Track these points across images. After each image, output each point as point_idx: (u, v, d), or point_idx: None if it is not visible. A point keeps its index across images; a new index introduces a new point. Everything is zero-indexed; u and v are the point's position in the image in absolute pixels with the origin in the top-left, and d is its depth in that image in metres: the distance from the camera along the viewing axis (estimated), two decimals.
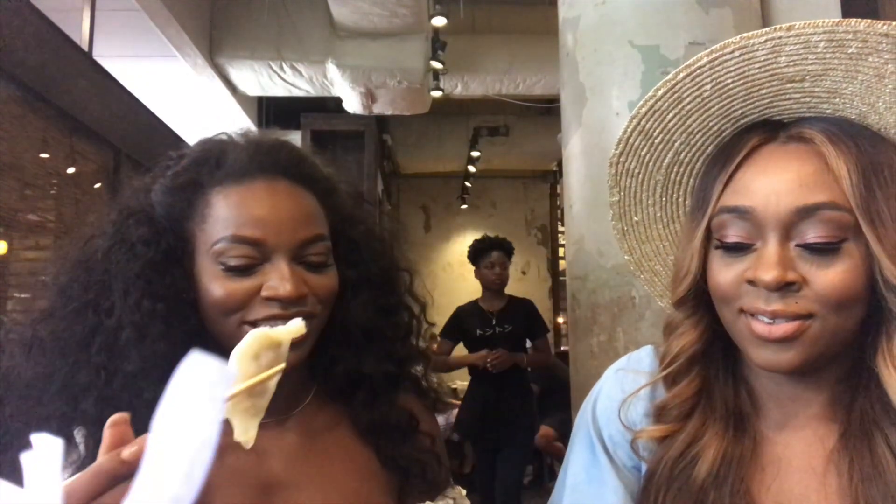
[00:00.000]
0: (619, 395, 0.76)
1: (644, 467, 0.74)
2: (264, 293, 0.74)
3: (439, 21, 5.10)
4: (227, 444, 0.71)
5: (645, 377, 0.76)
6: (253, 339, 0.56)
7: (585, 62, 2.62)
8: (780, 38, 0.63)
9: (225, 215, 0.75)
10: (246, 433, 0.54)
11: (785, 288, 0.61)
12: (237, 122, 6.56)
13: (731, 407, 0.71)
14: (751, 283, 0.63)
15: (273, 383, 0.55)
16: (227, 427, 0.71)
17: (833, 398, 0.68)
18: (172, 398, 0.46)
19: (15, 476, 0.49)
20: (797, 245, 0.62)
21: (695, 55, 0.67)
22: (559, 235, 9.43)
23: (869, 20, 0.62)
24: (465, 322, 3.90)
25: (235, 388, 0.52)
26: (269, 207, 0.75)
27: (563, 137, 2.82)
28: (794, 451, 0.69)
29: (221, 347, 0.76)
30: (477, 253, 3.95)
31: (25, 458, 0.44)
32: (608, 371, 0.81)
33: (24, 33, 3.21)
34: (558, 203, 9.36)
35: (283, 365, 0.56)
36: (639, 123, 0.73)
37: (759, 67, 0.65)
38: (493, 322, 3.83)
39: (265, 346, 0.56)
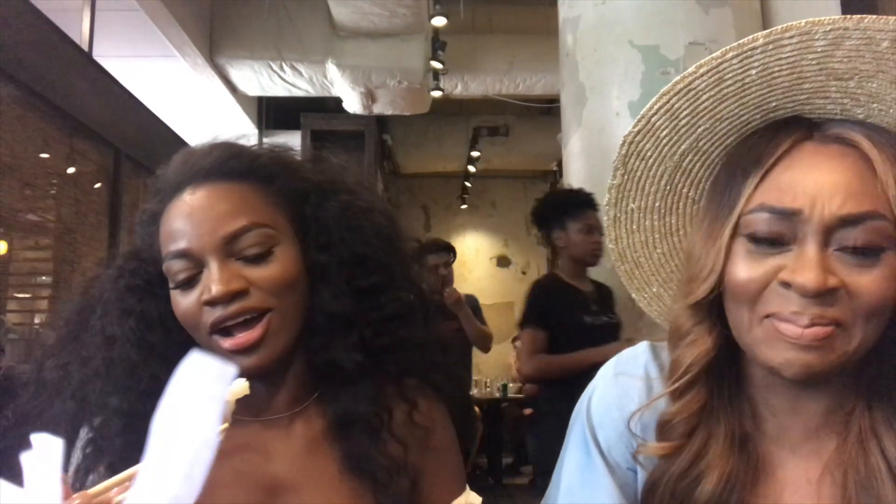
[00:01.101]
0: (615, 399, 0.74)
1: (640, 472, 0.72)
2: (202, 299, 0.74)
3: (439, 21, 5.10)
4: (230, 445, 0.70)
5: (641, 380, 0.74)
6: None
7: (585, 62, 2.62)
8: (845, 28, 0.59)
9: (164, 238, 0.77)
10: None
11: (825, 294, 0.58)
12: (237, 122, 6.57)
13: (734, 424, 0.68)
14: (785, 285, 0.60)
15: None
16: (228, 428, 0.71)
17: (830, 409, 0.66)
18: (172, 398, 0.46)
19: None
20: (836, 250, 0.60)
21: (694, 55, 0.66)
22: None
23: None
24: (558, 305, 2.63)
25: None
26: (187, 216, 0.76)
27: (563, 137, 2.82)
28: (792, 465, 0.67)
29: None
30: (565, 208, 2.63)
31: (25, 458, 0.44)
32: (603, 370, 0.79)
33: (24, 33, 3.21)
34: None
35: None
36: (668, 101, 0.67)
37: (813, 59, 0.61)
38: (594, 308, 2.63)
39: None
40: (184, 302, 0.75)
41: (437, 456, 0.85)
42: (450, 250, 3.51)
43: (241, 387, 0.59)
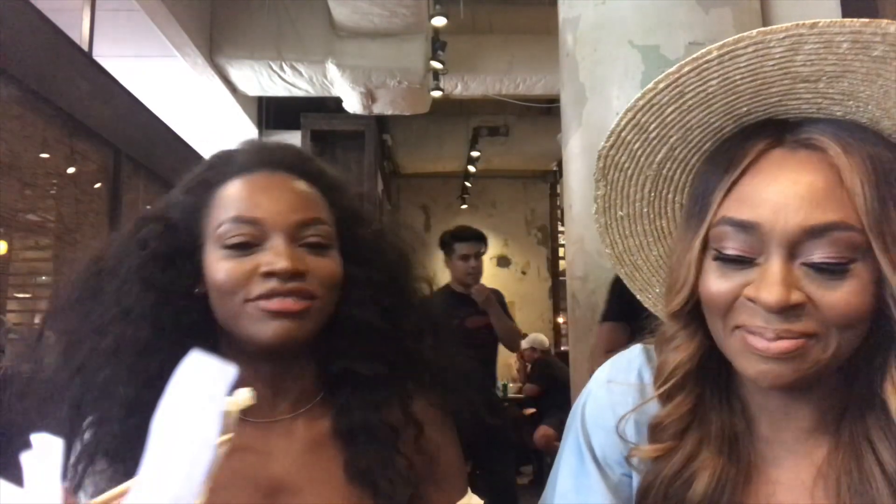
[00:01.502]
0: (608, 405, 0.75)
1: (635, 476, 0.72)
2: (262, 269, 0.76)
3: (439, 21, 5.10)
4: (232, 445, 0.72)
5: (634, 386, 0.74)
6: None
7: (585, 62, 2.62)
8: (800, 35, 0.59)
9: (227, 202, 0.80)
10: None
11: (789, 310, 0.58)
12: (237, 122, 6.58)
13: (726, 425, 0.68)
14: (751, 300, 0.60)
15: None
16: (231, 428, 0.71)
17: (823, 412, 0.66)
18: (172, 398, 0.46)
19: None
20: (802, 264, 0.58)
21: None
22: (559, 235, 9.43)
23: (894, 22, 0.58)
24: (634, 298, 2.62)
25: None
26: (268, 190, 0.80)
27: (563, 137, 2.82)
28: (785, 466, 0.67)
29: (229, 335, 0.80)
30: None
31: (25, 458, 0.44)
32: (597, 375, 0.79)
33: (24, 33, 3.21)
34: (558, 203, 9.35)
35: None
36: (633, 117, 0.68)
37: (774, 65, 0.61)
38: None
39: None
40: (232, 266, 0.77)
41: (440, 466, 0.87)
42: (481, 239, 3.45)
43: (246, 397, 0.59)
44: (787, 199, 0.58)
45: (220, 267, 0.77)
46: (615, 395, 0.74)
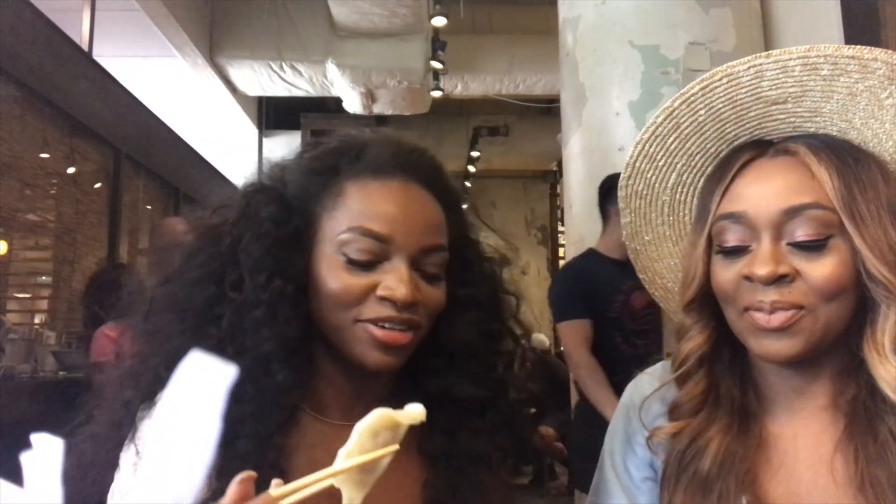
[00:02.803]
0: (627, 401, 0.83)
1: (659, 467, 0.79)
2: (380, 292, 0.72)
3: (439, 21, 5.10)
4: (295, 444, 0.71)
5: (657, 379, 0.82)
6: (377, 417, 0.58)
7: (585, 62, 2.62)
8: (760, 64, 0.70)
9: (357, 206, 0.74)
10: (353, 502, 0.57)
11: (779, 280, 0.68)
12: (237, 122, 6.58)
13: (736, 404, 0.76)
14: (748, 279, 0.69)
15: (386, 462, 0.57)
16: (290, 426, 0.72)
17: (836, 390, 0.73)
18: (172, 398, 0.46)
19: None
20: (788, 243, 0.69)
21: (694, 55, 0.70)
22: (559, 235, 9.43)
23: (836, 45, 0.69)
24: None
25: (352, 461, 0.55)
26: (402, 207, 0.75)
27: (563, 137, 2.82)
28: (803, 442, 0.74)
29: (327, 339, 0.76)
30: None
31: (25, 458, 0.44)
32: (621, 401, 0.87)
33: (24, 33, 3.22)
34: (558, 203, 9.36)
35: (396, 446, 0.57)
36: (643, 148, 0.80)
37: (746, 92, 0.72)
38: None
39: (386, 425, 0.58)
40: (350, 280, 0.72)
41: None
42: None
43: (419, 413, 0.59)
44: (768, 190, 0.70)
45: (335, 277, 0.73)
46: (643, 387, 0.82)
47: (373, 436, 0.57)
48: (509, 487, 0.85)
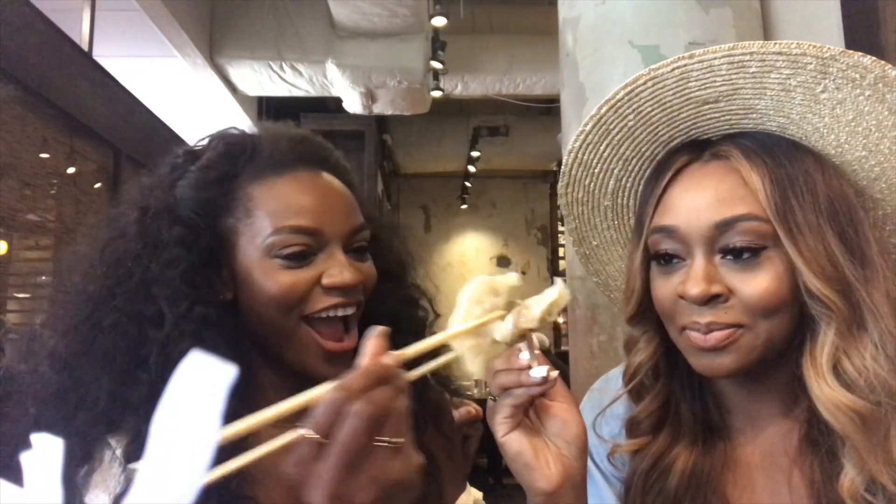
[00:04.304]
0: (591, 414, 0.79)
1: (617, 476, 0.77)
2: (326, 281, 0.72)
3: (439, 21, 5.10)
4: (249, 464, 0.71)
5: (612, 392, 0.80)
6: (479, 284, 0.62)
7: (585, 62, 2.62)
8: (685, 65, 0.68)
9: (273, 206, 0.73)
10: (473, 366, 0.60)
11: (713, 301, 0.65)
12: (237, 122, 6.54)
13: (699, 417, 0.74)
14: (682, 297, 0.67)
15: (493, 328, 0.60)
16: (242, 446, 0.71)
17: (789, 397, 0.70)
18: (173, 398, 0.46)
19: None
20: (721, 256, 0.66)
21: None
22: (559, 235, 9.43)
23: (762, 41, 0.66)
24: None
25: (460, 327, 0.59)
26: (319, 196, 0.75)
27: (563, 137, 2.82)
28: (761, 450, 0.71)
29: (267, 349, 0.74)
30: None
31: (25, 458, 0.44)
32: (591, 388, 0.85)
33: (24, 33, 3.21)
34: (558, 203, 9.35)
35: (500, 312, 0.60)
36: (577, 156, 0.77)
37: (673, 94, 0.70)
38: None
39: (487, 292, 0.62)
40: (290, 278, 0.71)
41: (446, 447, 0.86)
42: None
43: (514, 278, 0.63)
44: (698, 202, 0.67)
45: (275, 280, 0.71)
46: (602, 402, 0.80)
47: (477, 303, 0.61)
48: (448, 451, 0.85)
